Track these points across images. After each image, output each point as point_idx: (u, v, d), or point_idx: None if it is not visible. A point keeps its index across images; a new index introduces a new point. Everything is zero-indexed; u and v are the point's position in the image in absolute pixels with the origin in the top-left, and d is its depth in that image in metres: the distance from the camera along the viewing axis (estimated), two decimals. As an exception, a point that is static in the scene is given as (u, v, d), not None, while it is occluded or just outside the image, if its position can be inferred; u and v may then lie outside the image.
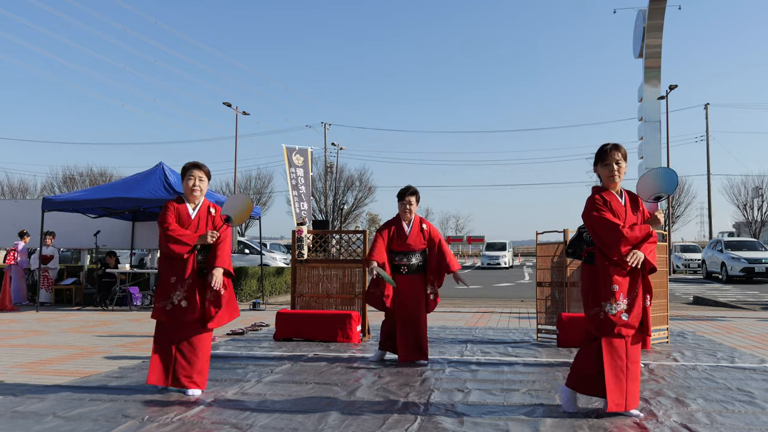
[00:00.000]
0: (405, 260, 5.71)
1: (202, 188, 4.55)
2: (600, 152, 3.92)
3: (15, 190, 47.58)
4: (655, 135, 9.54)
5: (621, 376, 3.68)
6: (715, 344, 6.84)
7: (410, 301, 5.66)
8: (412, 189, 5.82)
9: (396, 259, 5.73)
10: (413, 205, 5.78)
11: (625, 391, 3.69)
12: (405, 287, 5.66)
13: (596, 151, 3.95)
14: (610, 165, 3.86)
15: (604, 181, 3.93)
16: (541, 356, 6.04)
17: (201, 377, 4.41)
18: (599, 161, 3.92)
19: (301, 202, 8.76)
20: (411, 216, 5.79)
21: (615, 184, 3.89)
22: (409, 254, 5.73)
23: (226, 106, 33.39)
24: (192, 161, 4.61)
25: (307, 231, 7.98)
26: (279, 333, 7.20)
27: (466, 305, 12.28)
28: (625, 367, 3.70)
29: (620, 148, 3.90)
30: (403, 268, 5.70)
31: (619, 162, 3.86)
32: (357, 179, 47.42)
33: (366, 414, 3.83)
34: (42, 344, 7.05)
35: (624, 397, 3.69)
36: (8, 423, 3.66)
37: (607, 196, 3.88)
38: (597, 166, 3.95)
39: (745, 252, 21.07)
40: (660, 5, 9.40)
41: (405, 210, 5.77)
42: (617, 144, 3.91)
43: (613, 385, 3.66)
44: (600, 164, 3.92)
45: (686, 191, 46.29)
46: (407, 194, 5.78)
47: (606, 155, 3.87)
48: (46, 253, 12.32)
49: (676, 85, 30.04)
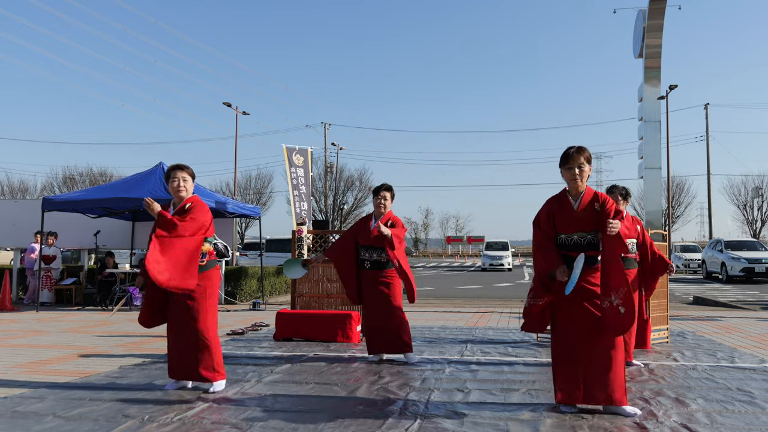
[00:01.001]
0: (367, 255, 5.76)
1: (187, 188, 4.59)
2: (564, 155, 3.94)
3: (15, 190, 47.63)
4: (655, 135, 9.55)
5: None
6: (715, 344, 6.84)
7: (372, 295, 5.71)
8: (387, 185, 5.91)
9: (361, 253, 5.80)
10: (387, 200, 5.85)
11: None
12: (368, 281, 5.74)
13: (561, 153, 3.97)
14: (572, 169, 3.88)
15: (568, 184, 3.95)
16: (541, 356, 6.04)
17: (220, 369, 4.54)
18: (562, 164, 3.93)
19: (302, 202, 8.76)
20: (384, 211, 5.84)
21: (576, 188, 3.90)
22: (371, 249, 5.76)
23: (226, 106, 33.43)
24: (174, 163, 4.65)
25: (307, 231, 7.98)
26: (279, 333, 7.20)
27: (466, 305, 12.28)
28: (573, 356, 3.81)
29: (584, 151, 3.91)
30: (366, 263, 5.76)
31: (582, 165, 3.87)
32: (357, 179, 47.48)
33: (366, 414, 3.83)
34: (42, 344, 7.05)
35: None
36: (8, 423, 3.66)
37: (561, 198, 3.96)
38: (561, 169, 3.96)
39: (745, 252, 21.07)
40: (660, 5, 9.41)
41: (379, 205, 5.82)
42: (582, 147, 3.92)
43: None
44: (563, 167, 3.93)
45: (686, 191, 46.34)
46: (382, 189, 5.86)
47: (569, 158, 3.89)
48: (48, 253, 12.33)
49: (676, 85, 30.12)
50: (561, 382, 3.86)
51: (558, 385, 3.88)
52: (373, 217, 5.86)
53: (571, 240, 3.90)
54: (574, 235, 3.89)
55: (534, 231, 4.06)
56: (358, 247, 5.81)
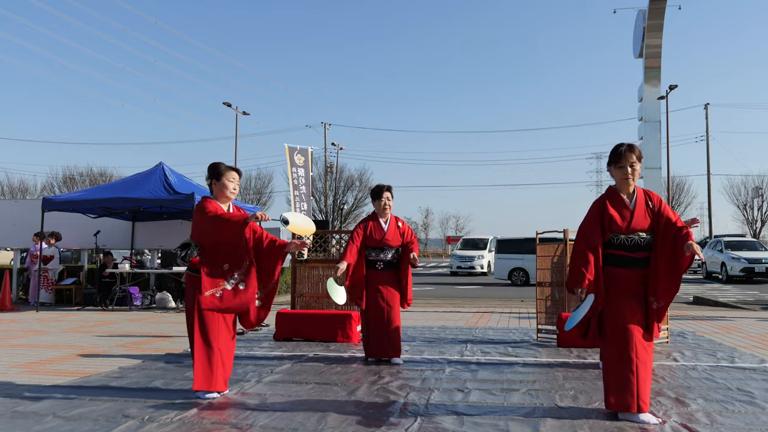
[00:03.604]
0: (381, 256, 5.74)
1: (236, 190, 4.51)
2: (614, 153, 3.82)
3: (15, 190, 47.63)
4: (655, 135, 9.56)
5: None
6: (715, 344, 6.84)
7: (384, 297, 5.69)
8: (388, 186, 5.88)
9: (372, 254, 5.76)
10: (391, 201, 5.84)
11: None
12: (379, 282, 5.71)
13: (610, 150, 3.87)
14: (624, 167, 3.77)
15: (618, 183, 3.85)
16: (541, 356, 6.04)
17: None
18: (613, 162, 3.83)
19: (302, 202, 8.77)
20: (389, 212, 5.83)
21: (628, 187, 3.81)
22: (386, 250, 5.75)
23: (226, 106, 33.48)
24: (230, 165, 4.52)
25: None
26: (279, 333, 7.20)
27: (466, 305, 12.28)
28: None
29: (635, 149, 3.80)
30: (379, 264, 5.74)
31: (634, 164, 3.78)
32: (357, 179, 47.46)
33: (366, 414, 3.83)
34: (42, 344, 7.05)
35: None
36: (8, 423, 3.66)
37: (614, 198, 3.83)
38: (610, 167, 3.86)
39: (745, 252, 21.07)
40: (660, 5, 9.41)
41: (385, 206, 5.80)
42: (632, 145, 3.81)
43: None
44: (614, 165, 3.83)
45: (686, 191, 46.35)
46: (384, 190, 5.82)
47: (620, 157, 3.78)
48: (46, 253, 12.32)
49: (676, 85, 30.13)
50: (614, 388, 3.65)
51: (611, 391, 3.67)
52: (379, 218, 5.81)
53: (631, 241, 3.76)
54: (634, 235, 3.75)
55: (578, 239, 3.82)
56: (367, 249, 5.77)
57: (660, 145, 9.77)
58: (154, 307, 11.85)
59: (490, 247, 26.80)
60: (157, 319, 9.85)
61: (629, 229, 3.76)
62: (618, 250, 3.78)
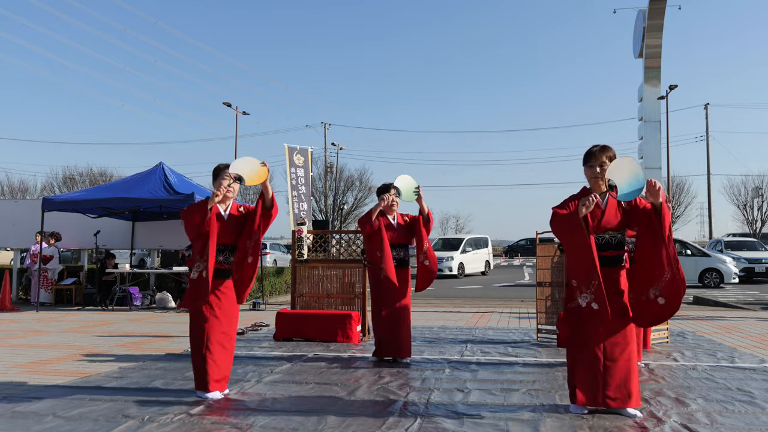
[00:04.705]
0: (395, 254, 5.72)
1: (234, 189, 4.49)
2: (587, 154, 3.90)
3: (15, 190, 47.57)
4: (655, 135, 9.55)
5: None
6: (715, 344, 6.84)
7: (398, 295, 5.69)
8: (391, 183, 5.86)
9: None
10: (397, 197, 5.80)
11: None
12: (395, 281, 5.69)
13: (584, 152, 3.92)
14: (594, 167, 3.84)
15: (589, 182, 3.92)
16: (541, 356, 6.04)
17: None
18: (586, 163, 3.90)
19: (301, 202, 8.76)
20: (396, 208, 5.82)
21: (599, 186, 3.87)
22: (398, 247, 5.75)
23: (226, 106, 33.48)
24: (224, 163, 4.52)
25: (307, 231, 7.98)
26: (279, 333, 7.20)
27: (466, 305, 12.28)
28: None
29: (608, 150, 3.86)
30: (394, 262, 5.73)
31: (604, 164, 3.82)
32: (357, 179, 47.38)
33: (366, 414, 3.83)
34: (42, 344, 7.05)
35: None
36: (8, 423, 3.66)
37: (579, 200, 3.88)
38: (584, 167, 3.93)
39: (745, 252, 21.08)
40: (660, 5, 9.41)
41: (392, 202, 5.77)
42: (605, 146, 3.87)
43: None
44: (586, 166, 3.90)
45: (686, 191, 46.28)
46: (391, 187, 5.79)
47: (592, 157, 3.85)
48: (46, 253, 12.32)
49: (676, 85, 30.14)
50: (582, 384, 3.77)
51: (579, 387, 3.78)
52: (386, 214, 5.80)
53: (601, 239, 3.82)
54: (605, 233, 3.82)
55: (555, 213, 3.84)
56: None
57: (660, 145, 9.77)
58: (154, 307, 11.85)
59: (464, 248, 24.84)
60: (157, 319, 9.85)
61: (599, 227, 3.82)
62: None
